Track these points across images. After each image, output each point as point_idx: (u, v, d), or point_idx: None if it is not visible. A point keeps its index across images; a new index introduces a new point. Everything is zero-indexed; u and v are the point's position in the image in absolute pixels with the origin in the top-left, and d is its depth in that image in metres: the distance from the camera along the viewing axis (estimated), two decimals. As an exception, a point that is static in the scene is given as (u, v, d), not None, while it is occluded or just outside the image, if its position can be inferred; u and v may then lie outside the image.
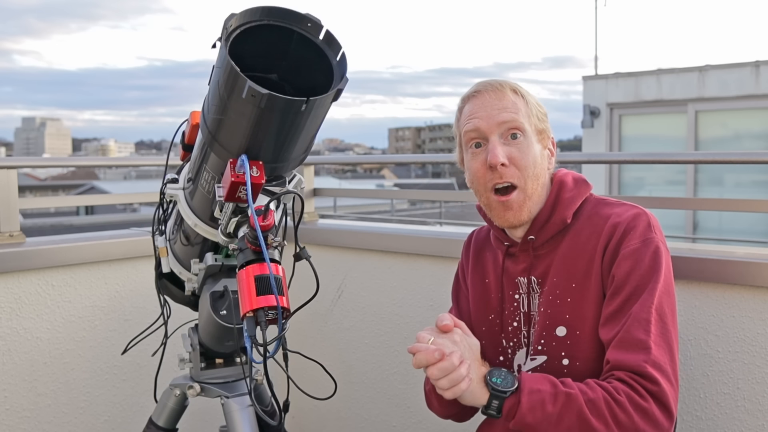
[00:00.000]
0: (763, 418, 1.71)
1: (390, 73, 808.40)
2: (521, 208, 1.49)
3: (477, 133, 1.50)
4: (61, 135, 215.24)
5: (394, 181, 35.54)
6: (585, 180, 1.58)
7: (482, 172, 1.49)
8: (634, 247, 1.43)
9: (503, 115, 1.48)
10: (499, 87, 1.51)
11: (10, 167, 2.21)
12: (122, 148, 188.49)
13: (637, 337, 1.36)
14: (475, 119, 1.50)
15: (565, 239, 1.51)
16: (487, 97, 1.50)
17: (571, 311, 1.48)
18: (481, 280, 1.66)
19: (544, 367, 1.52)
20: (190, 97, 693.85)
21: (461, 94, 1.60)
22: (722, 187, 8.39)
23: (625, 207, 1.51)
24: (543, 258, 1.54)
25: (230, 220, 1.35)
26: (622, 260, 1.43)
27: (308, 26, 1.27)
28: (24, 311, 2.14)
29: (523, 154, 1.48)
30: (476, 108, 1.51)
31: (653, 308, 1.38)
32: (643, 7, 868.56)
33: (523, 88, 1.53)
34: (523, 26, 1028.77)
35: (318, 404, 2.59)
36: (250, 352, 1.23)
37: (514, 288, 1.58)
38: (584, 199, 1.55)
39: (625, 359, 1.35)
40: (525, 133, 1.49)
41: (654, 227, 1.46)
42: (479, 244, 1.71)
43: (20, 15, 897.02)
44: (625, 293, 1.41)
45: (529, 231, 1.54)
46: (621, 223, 1.46)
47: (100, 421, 2.31)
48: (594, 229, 1.49)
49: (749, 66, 8.23)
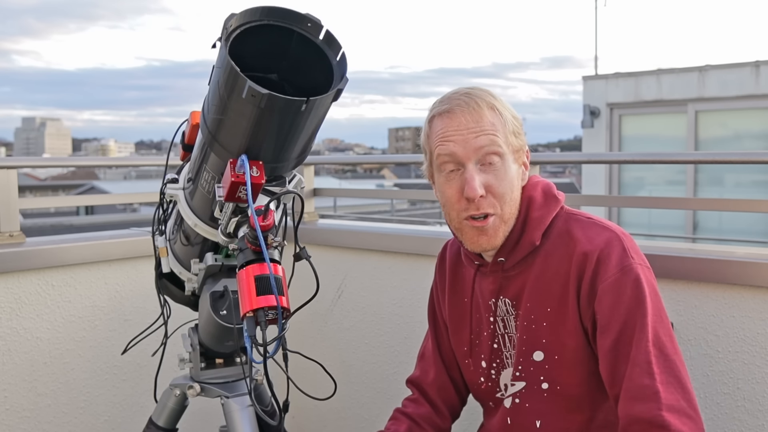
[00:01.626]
0: (763, 418, 1.71)
1: (389, 73, 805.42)
2: (496, 233, 1.43)
3: (452, 158, 1.41)
4: (61, 135, 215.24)
5: (394, 181, 35.52)
6: (554, 194, 1.50)
7: (456, 198, 1.42)
8: (612, 280, 1.36)
9: (481, 139, 1.39)
10: (475, 106, 1.40)
11: (10, 167, 2.20)
12: (122, 148, 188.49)
13: (642, 383, 1.30)
14: (449, 143, 1.40)
15: (536, 261, 1.46)
16: (462, 118, 1.40)
17: (547, 336, 1.45)
18: (460, 299, 1.62)
19: (524, 393, 1.50)
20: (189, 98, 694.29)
21: None
22: (722, 187, 8.39)
23: (596, 229, 1.43)
24: (514, 279, 1.49)
25: (230, 220, 1.34)
26: (603, 296, 1.37)
27: (308, 26, 1.27)
28: (24, 311, 2.14)
29: (501, 180, 1.41)
30: (450, 129, 1.41)
31: (650, 345, 1.32)
32: (643, 7, 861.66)
33: (498, 101, 1.44)
34: (522, 26, 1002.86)
35: (318, 404, 2.59)
36: (250, 352, 1.23)
37: (489, 310, 1.54)
38: (554, 215, 1.48)
39: (638, 412, 1.30)
40: (503, 157, 1.41)
41: (629, 250, 1.39)
42: (454, 259, 1.65)
43: (19, 15, 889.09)
44: (614, 331, 1.35)
45: (498, 252, 1.48)
46: (593, 252, 1.39)
47: (100, 421, 2.31)
48: (565, 250, 1.43)
49: (749, 66, 8.23)
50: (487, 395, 1.59)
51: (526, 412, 1.51)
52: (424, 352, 1.74)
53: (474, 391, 1.64)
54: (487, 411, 1.64)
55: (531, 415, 1.50)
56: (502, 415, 1.56)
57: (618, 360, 1.35)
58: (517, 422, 1.53)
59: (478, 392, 1.62)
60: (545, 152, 22.96)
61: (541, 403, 1.48)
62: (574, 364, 1.43)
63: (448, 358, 1.68)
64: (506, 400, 1.54)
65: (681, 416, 1.28)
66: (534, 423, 1.50)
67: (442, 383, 1.67)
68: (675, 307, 1.78)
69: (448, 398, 1.68)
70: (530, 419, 1.50)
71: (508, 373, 1.53)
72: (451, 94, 1.46)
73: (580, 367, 1.43)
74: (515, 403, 1.52)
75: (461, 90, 1.46)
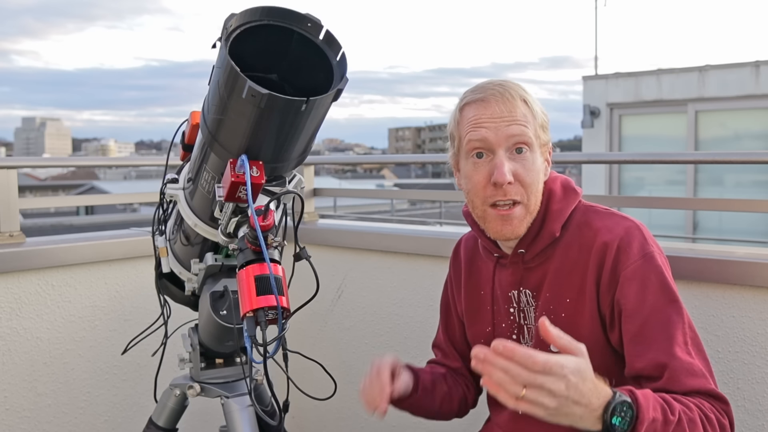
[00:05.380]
0: (763, 418, 1.71)
1: (388, 73, 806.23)
2: (521, 222, 1.45)
3: (483, 144, 1.42)
4: (61, 135, 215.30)
5: (394, 181, 35.53)
6: (573, 187, 1.53)
7: (483, 185, 1.43)
8: (635, 266, 1.38)
9: (513, 128, 1.41)
10: (509, 97, 1.43)
11: (10, 167, 2.20)
12: (122, 148, 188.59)
13: (689, 361, 1.33)
14: (482, 129, 1.42)
15: (556, 253, 1.48)
16: (495, 106, 1.42)
17: (566, 326, 1.44)
18: (476, 292, 1.62)
19: None
20: (189, 98, 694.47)
21: (460, 94, 1.51)
22: (722, 187, 8.39)
23: (614, 219, 1.46)
24: (534, 270, 1.50)
25: (230, 220, 1.35)
26: (626, 282, 1.39)
27: (308, 26, 1.27)
28: (24, 311, 2.14)
29: (528, 170, 1.43)
30: (483, 116, 1.43)
31: (686, 327, 1.36)
32: (643, 7, 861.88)
33: (530, 96, 1.46)
34: (521, 26, 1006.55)
35: (318, 404, 2.59)
36: (250, 352, 1.23)
37: (508, 301, 1.55)
38: (573, 208, 1.50)
39: (695, 385, 1.31)
40: (531, 148, 1.43)
41: (648, 238, 1.42)
42: (470, 253, 1.66)
43: (18, 15, 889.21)
44: (641, 315, 1.37)
45: (519, 244, 1.49)
46: (613, 241, 1.41)
47: (100, 421, 2.31)
48: (584, 242, 1.45)
49: (749, 66, 8.23)
50: None
51: None
52: (437, 342, 1.78)
53: None
54: (495, 404, 1.64)
55: None
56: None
57: (641, 334, 1.36)
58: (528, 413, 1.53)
59: None
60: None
61: None
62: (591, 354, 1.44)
63: (461, 350, 1.71)
64: None
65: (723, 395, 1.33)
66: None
67: (458, 367, 1.72)
68: (675, 307, 1.79)
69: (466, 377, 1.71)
70: None
71: None
72: (485, 84, 1.48)
73: (596, 357, 1.44)
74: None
75: (495, 81, 1.48)
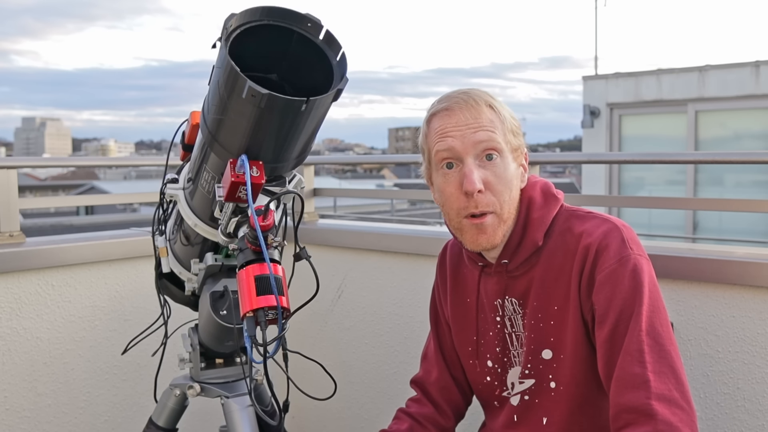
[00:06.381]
0: (763, 418, 1.71)
1: (387, 73, 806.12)
2: (495, 231, 1.43)
3: (450, 153, 1.40)
4: (61, 135, 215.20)
5: (394, 181, 35.50)
6: (553, 193, 1.51)
7: (456, 196, 1.42)
8: (609, 270, 1.36)
9: (479, 134, 1.39)
10: (473, 103, 1.41)
11: (10, 167, 2.20)
12: (122, 148, 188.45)
13: (632, 372, 1.29)
14: (448, 138, 1.40)
15: (540, 261, 1.46)
16: (460, 114, 1.41)
17: (555, 334, 1.45)
18: (462, 299, 1.62)
19: (533, 390, 1.51)
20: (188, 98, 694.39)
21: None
22: (722, 187, 8.39)
23: (595, 221, 1.43)
24: (519, 279, 1.49)
25: (230, 220, 1.35)
26: (600, 286, 1.37)
27: (308, 26, 1.27)
28: (24, 311, 2.14)
29: (499, 177, 1.41)
30: (449, 125, 1.41)
31: (643, 334, 1.31)
32: (643, 7, 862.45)
33: (497, 101, 1.44)
34: (520, 26, 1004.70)
35: (318, 404, 2.59)
36: (250, 352, 1.23)
37: (494, 310, 1.54)
38: (555, 214, 1.48)
39: (628, 400, 1.28)
40: (501, 154, 1.41)
41: (629, 241, 1.39)
42: (455, 259, 1.65)
43: (17, 15, 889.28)
44: (610, 321, 1.35)
45: (502, 254, 1.48)
46: (592, 243, 1.39)
47: (100, 421, 2.31)
48: (568, 248, 1.43)
49: (749, 66, 8.23)
50: (492, 394, 1.59)
51: (535, 409, 1.51)
52: (427, 352, 1.74)
53: (478, 390, 1.64)
54: (490, 410, 1.64)
55: (540, 411, 1.51)
56: (508, 413, 1.56)
57: (613, 351, 1.34)
58: (524, 419, 1.53)
59: (483, 392, 1.62)
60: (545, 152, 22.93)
61: (549, 401, 1.49)
62: (574, 361, 1.44)
63: (450, 359, 1.69)
64: (513, 398, 1.55)
65: (671, 406, 1.26)
66: (541, 420, 1.50)
67: (445, 383, 1.67)
68: (675, 307, 1.78)
69: (452, 398, 1.68)
70: (538, 416, 1.51)
71: (516, 372, 1.53)
72: (450, 93, 1.47)
73: (580, 364, 1.43)
74: (524, 401, 1.53)
75: (459, 90, 1.47)
